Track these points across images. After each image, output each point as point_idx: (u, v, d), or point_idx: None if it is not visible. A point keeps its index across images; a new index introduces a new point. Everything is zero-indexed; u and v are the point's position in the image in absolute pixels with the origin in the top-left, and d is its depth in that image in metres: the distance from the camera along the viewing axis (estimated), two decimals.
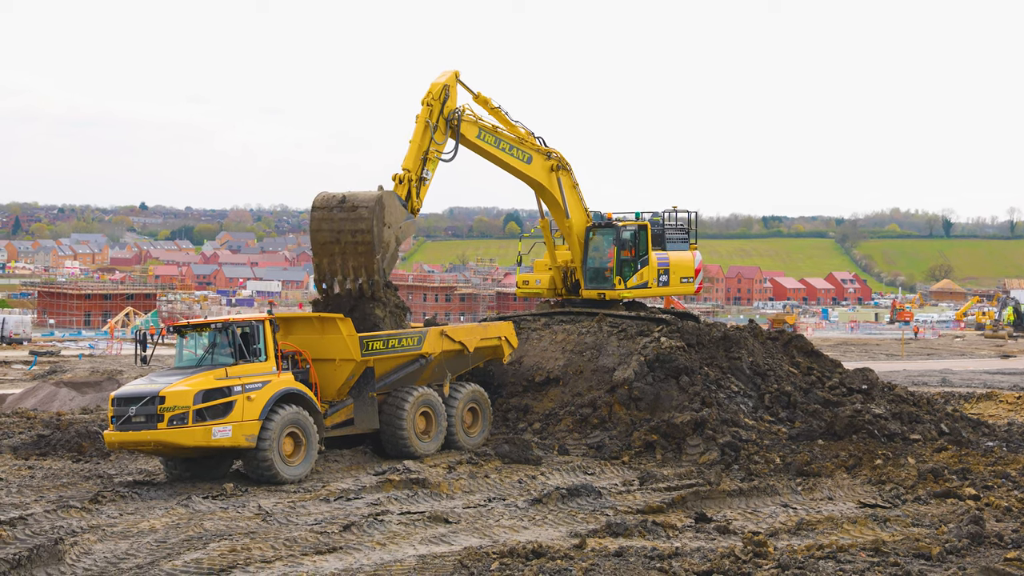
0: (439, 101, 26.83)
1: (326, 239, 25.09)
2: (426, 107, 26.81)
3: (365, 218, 24.84)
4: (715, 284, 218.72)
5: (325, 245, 25.12)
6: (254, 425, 21.92)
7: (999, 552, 16.20)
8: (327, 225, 25.02)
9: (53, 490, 21.84)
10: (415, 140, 26.62)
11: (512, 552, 16.15)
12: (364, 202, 24.94)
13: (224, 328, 22.56)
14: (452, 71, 27.61)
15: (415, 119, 26.89)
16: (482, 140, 28.09)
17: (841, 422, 25.90)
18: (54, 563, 16.21)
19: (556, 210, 30.21)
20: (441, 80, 27.12)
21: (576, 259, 30.82)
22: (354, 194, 25.22)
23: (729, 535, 17.72)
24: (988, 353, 71.73)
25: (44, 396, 37.06)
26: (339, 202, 25.01)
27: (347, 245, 24.97)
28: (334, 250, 25.07)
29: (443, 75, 27.35)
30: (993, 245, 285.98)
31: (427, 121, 26.61)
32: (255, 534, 17.78)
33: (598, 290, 30.74)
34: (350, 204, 24.89)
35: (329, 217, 24.99)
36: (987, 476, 22.05)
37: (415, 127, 26.79)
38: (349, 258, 25.03)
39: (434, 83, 27.08)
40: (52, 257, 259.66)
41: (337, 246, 25.03)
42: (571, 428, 26.52)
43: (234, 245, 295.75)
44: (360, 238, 24.92)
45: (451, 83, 27.32)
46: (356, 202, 24.92)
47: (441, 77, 27.22)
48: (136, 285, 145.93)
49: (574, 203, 30.25)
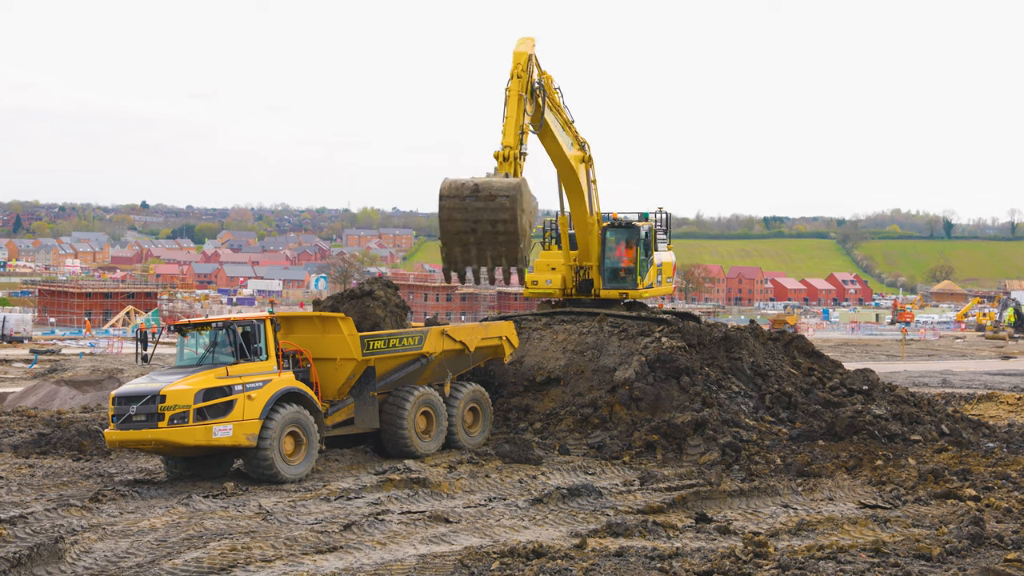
0: (527, 72, 26.05)
1: (460, 228, 24.38)
2: (517, 79, 25.82)
3: (507, 208, 24.26)
4: (716, 284, 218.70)
5: (459, 235, 24.43)
6: (255, 424, 21.92)
7: (999, 553, 16.20)
8: (460, 215, 24.27)
9: (53, 488, 21.85)
10: (511, 115, 25.67)
11: (513, 552, 16.16)
12: (502, 190, 24.27)
13: (225, 327, 22.57)
14: (530, 39, 26.66)
15: (506, 92, 25.92)
16: (548, 115, 27.37)
17: (842, 423, 25.91)
18: (54, 562, 16.22)
19: (580, 205, 29.72)
20: (525, 50, 26.23)
21: (592, 258, 30.59)
22: (487, 182, 24.48)
23: (729, 535, 17.72)
24: (989, 354, 71.70)
25: (45, 394, 37.08)
26: (472, 190, 24.23)
27: (485, 235, 24.33)
28: (468, 240, 24.42)
29: (523, 44, 26.43)
30: (994, 246, 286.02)
31: (520, 94, 25.74)
32: (255, 533, 17.78)
33: (619, 289, 30.68)
34: (486, 193, 24.15)
35: (463, 206, 24.23)
36: (987, 477, 22.05)
37: (508, 101, 25.86)
38: (487, 248, 24.46)
39: (518, 52, 26.15)
40: (53, 255, 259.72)
41: (472, 236, 24.38)
42: (572, 428, 26.52)
43: (235, 244, 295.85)
44: (501, 227, 24.32)
45: (533, 53, 26.59)
46: (493, 191, 24.20)
47: (522, 46, 26.28)
48: (137, 284, 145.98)
49: (595, 199, 30.16)
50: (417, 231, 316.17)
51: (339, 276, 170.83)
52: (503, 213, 24.31)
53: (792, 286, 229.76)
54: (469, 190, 24.34)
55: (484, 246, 24.48)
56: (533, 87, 26.41)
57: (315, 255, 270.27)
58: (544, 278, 30.43)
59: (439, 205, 24.64)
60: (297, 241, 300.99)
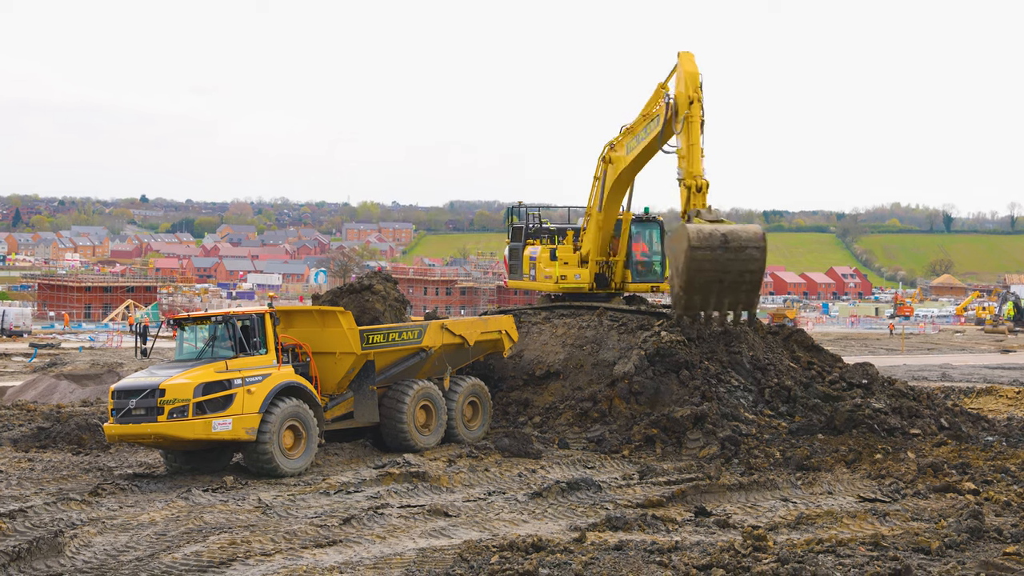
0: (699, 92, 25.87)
1: (709, 278, 24.66)
2: (698, 104, 25.72)
3: (756, 259, 24.83)
4: None
5: (707, 284, 24.69)
6: (254, 418, 21.93)
7: (998, 546, 16.21)
8: (710, 265, 24.55)
9: (53, 483, 21.86)
10: (697, 143, 25.64)
11: (512, 545, 16.17)
12: (751, 242, 24.72)
13: (224, 321, 22.57)
14: (691, 55, 26.21)
15: (684, 120, 25.59)
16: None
17: (841, 417, 25.91)
18: (54, 555, 16.23)
19: (619, 203, 29.63)
20: (696, 70, 25.93)
21: (622, 252, 30.62)
22: (734, 232, 24.70)
23: (729, 529, 17.73)
24: (988, 348, 71.72)
25: (44, 388, 37.08)
26: (723, 242, 24.44)
27: (730, 284, 24.71)
28: (714, 288, 24.70)
29: (690, 61, 26.00)
30: (993, 240, 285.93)
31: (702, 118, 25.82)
32: (255, 527, 17.79)
33: (650, 283, 30.97)
34: (736, 244, 24.50)
35: (714, 257, 24.53)
36: (987, 471, 22.07)
37: (690, 129, 25.66)
38: (728, 294, 24.79)
39: (691, 72, 25.84)
40: (52, 249, 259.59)
41: (719, 284, 24.68)
42: (571, 422, 26.54)
43: (235, 238, 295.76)
44: (748, 277, 24.92)
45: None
46: (741, 242, 24.61)
47: (691, 64, 25.93)
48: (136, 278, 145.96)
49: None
50: (417, 225, 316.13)
51: (339, 270, 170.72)
52: (752, 264, 24.88)
53: (791, 280, 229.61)
54: (719, 241, 24.51)
55: (726, 293, 24.86)
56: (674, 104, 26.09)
57: (314, 249, 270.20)
58: (572, 273, 30.30)
59: (688, 255, 24.44)
60: (296, 235, 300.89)
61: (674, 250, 24.85)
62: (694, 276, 24.46)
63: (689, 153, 25.64)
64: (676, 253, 24.74)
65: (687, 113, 25.59)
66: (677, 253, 24.71)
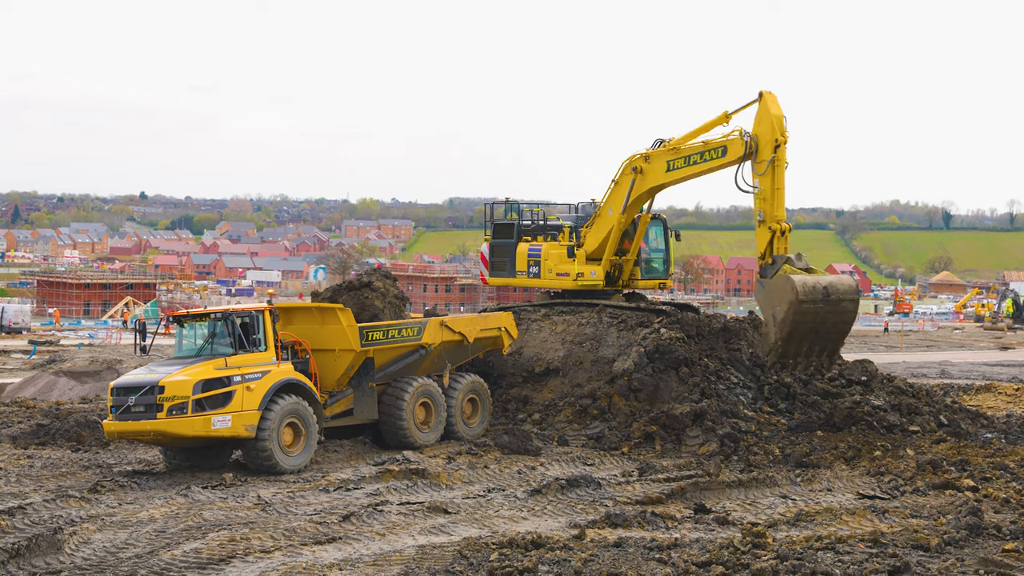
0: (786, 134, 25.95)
1: (808, 329, 24.89)
2: (784, 147, 25.69)
3: (850, 311, 25.34)
4: (715, 275, 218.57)
5: (805, 334, 24.95)
6: (254, 415, 21.91)
7: (997, 543, 16.21)
8: (811, 317, 24.77)
9: (52, 480, 21.85)
10: (781, 186, 25.71)
11: (511, 543, 16.16)
12: (847, 294, 25.16)
13: (224, 318, 22.55)
14: (773, 95, 26.16)
15: (771, 164, 25.47)
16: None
17: (840, 413, 25.92)
18: (53, 552, 16.22)
19: (640, 207, 29.67)
20: (781, 112, 25.91)
21: (634, 251, 30.63)
22: (832, 285, 25.05)
23: (728, 526, 17.73)
24: (987, 345, 71.70)
25: (43, 385, 37.04)
26: (824, 295, 24.79)
27: (822, 334, 25.09)
28: (809, 337, 25.00)
29: (774, 103, 25.89)
30: (992, 237, 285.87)
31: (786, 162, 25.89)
32: (254, 524, 17.78)
33: (658, 280, 31.15)
34: (835, 297, 24.91)
35: (815, 310, 24.76)
36: (986, 468, 22.07)
37: (775, 172, 25.54)
38: (818, 342, 25.13)
39: (778, 116, 25.78)
40: (51, 246, 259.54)
41: (814, 334, 25.00)
42: (570, 419, 26.54)
43: (234, 235, 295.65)
44: (840, 327, 25.39)
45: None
46: (839, 295, 25.01)
47: (776, 107, 25.91)
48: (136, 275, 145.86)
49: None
50: (416, 222, 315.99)
51: (338, 267, 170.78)
52: (846, 316, 25.33)
53: None
54: (821, 294, 24.84)
55: (817, 341, 25.17)
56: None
57: (314, 246, 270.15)
58: (589, 270, 30.28)
59: (795, 307, 24.55)
60: (296, 232, 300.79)
61: (773, 300, 24.95)
62: (796, 328, 24.78)
63: (774, 197, 25.75)
64: (776, 303, 24.89)
65: (774, 156, 25.61)
66: (778, 303, 24.86)
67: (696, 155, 27.60)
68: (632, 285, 31.05)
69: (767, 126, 25.78)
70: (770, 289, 25.02)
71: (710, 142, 27.27)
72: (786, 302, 24.54)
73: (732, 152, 26.59)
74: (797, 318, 24.60)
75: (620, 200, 29.14)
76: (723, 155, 26.80)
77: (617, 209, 29.25)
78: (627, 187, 28.93)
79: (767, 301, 25.15)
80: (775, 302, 24.88)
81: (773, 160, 25.59)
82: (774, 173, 25.68)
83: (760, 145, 25.85)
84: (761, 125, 25.93)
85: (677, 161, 28.01)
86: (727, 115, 26.94)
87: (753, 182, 26.04)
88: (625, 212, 29.15)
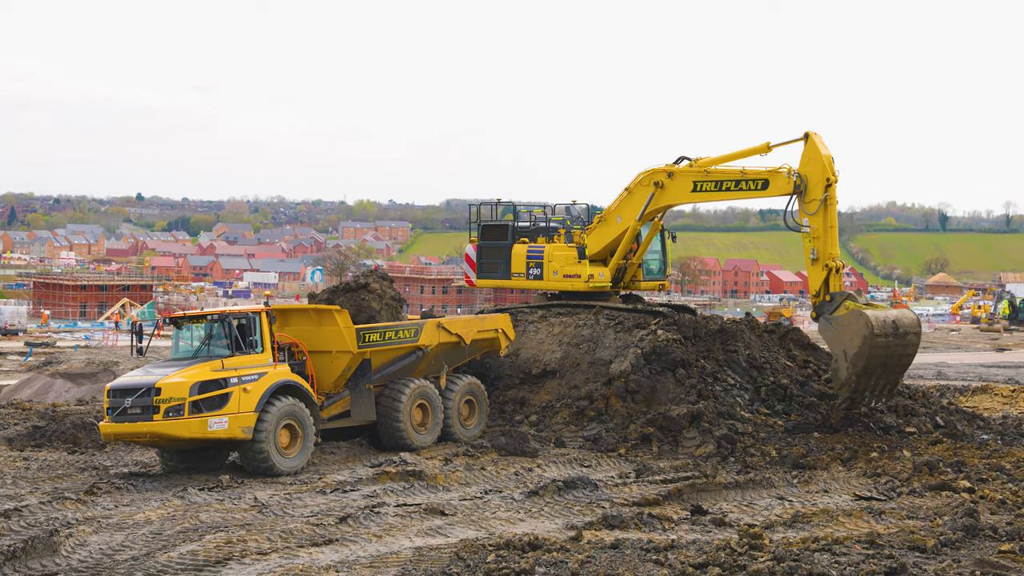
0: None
1: (878, 363, 25.12)
2: (835, 186, 25.81)
3: (914, 344, 25.71)
4: (712, 277, 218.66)
5: (875, 368, 25.17)
6: (250, 417, 21.90)
7: (993, 544, 16.23)
8: (883, 351, 25.03)
9: (48, 481, 21.83)
10: (834, 224, 25.90)
11: (508, 544, 16.16)
12: (912, 328, 25.55)
13: (220, 319, 22.54)
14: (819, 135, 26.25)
15: (824, 204, 25.62)
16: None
17: (837, 415, 25.92)
18: (49, 555, 16.20)
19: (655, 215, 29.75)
20: (829, 153, 26.02)
21: (639, 255, 30.67)
22: (899, 319, 25.38)
23: (725, 527, 17.73)
24: (983, 346, 71.75)
25: (39, 387, 37.03)
26: (894, 330, 25.11)
27: (889, 367, 25.36)
28: (878, 371, 25.24)
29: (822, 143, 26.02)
30: (989, 239, 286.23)
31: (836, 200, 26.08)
32: (251, 526, 17.77)
33: (657, 282, 31.41)
34: (903, 331, 25.24)
35: (887, 344, 25.02)
36: (982, 469, 22.08)
37: (828, 211, 25.72)
38: (884, 375, 25.36)
39: (828, 156, 25.91)
40: (48, 248, 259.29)
41: (883, 368, 25.25)
42: (567, 420, 26.53)
43: (231, 236, 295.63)
44: (905, 360, 25.72)
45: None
46: (906, 328, 25.36)
47: (825, 148, 26.04)
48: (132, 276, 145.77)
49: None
50: (413, 224, 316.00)
51: (335, 269, 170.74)
52: (910, 348, 25.71)
53: (788, 279, 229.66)
54: (892, 328, 25.14)
55: (884, 374, 25.42)
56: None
57: (311, 247, 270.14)
58: (597, 272, 30.29)
59: (870, 343, 24.74)
60: (293, 233, 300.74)
61: (844, 336, 25.11)
62: (869, 361, 25.00)
63: (827, 235, 25.85)
64: (848, 339, 25.04)
65: (826, 196, 25.74)
66: (849, 339, 25.01)
67: (731, 182, 27.54)
68: (633, 287, 31.11)
69: (817, 166, 25.88)
70: (840, 325, 25.11)
71: (750, 172, 27.23)
72: (859, 337, 24.74)
73: (774, 188, 26.68)
74: (872, 352, 24.83)
75: (633, 210, 29.18)
76: (763, 188, 26.91)
77: (628, 218, 29.28)
78: (644, 199, 28.88)
79: (837, 338, 25.25)
80: (846, 338, 25.04)
81: (827, 200, 25.69)
82: (826, 212, 25.81)
83: (810, 185, 25.91)
84: (810, 164, 26.01)
85: (706, 184, 27.92)
86: (768, 146, 27.04)
87: (802, 221, 26.11)
88: (639, 220, 29.24)
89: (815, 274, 25.86)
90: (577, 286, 30.37)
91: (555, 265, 30.49)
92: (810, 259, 26.00)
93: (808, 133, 26.26)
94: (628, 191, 29.27)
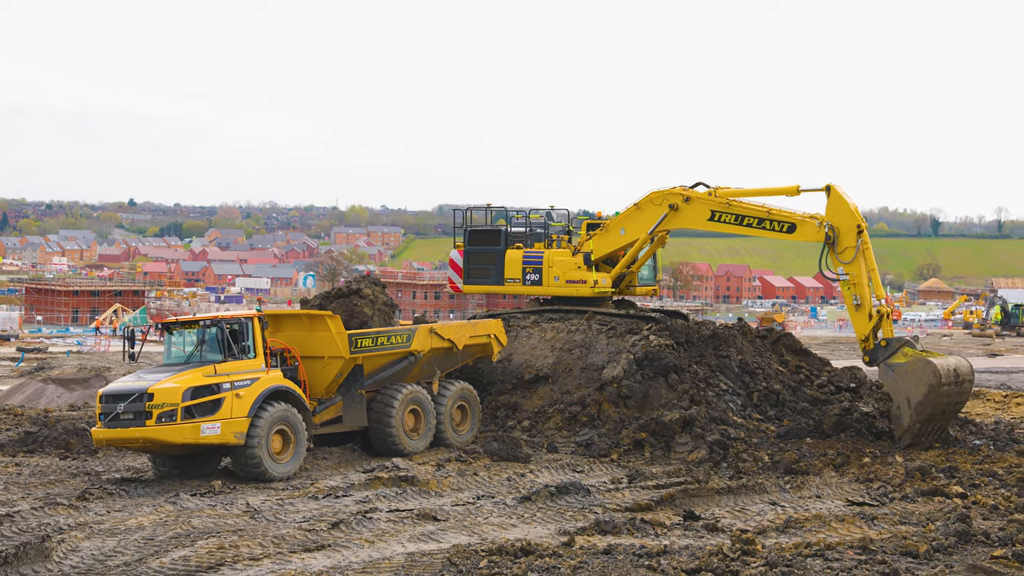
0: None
1: (939, 410, 25.41)
2: (866, 230, 26.10)
3: (968, 391, 26.17)
4: (704, 282, 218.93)
5: (936, 415, 25.44)
6: (243, 422, 21.88)
7: (986, 550, 16.25)
8: (946, 399, 25.36)
9: (40, 487, 21.78)
10: (874, 267, 26.14)
11: (501, 550, 16.15)
12: (967, 376, 25.93)
13: (213, 325, 22.52)
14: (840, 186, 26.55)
15: (859, 251, 25.86)
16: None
17: (829, 420, 25.97)
18: (41, 560, 16.17)
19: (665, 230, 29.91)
20: (854, 202, 26.27)
21: (641, 263, 30.80)
22: (959, 368, 25.76)
23: (717, 533, 17.74)
24: (976, 352, 71.84)
25: (31, 393, 36.94)
26: (955, 378, 25.44)
27: (947, 413, 25.74)
28: (937, 417, 25.52)
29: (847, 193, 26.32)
30: (981, 244, 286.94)
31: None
32: (243, 532, 17.74)
33: (649, 288, 31.59)
34: (961, 378, 25.64)
35: (948, 391, 25.33)
36: (974, 474, 22.13)
37: (865, 257, 25.97)
38: (939, 421, 25.64)
39: (854, 205, 26.18)
40: (40, 253, 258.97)
41: (941, 414, 25.57)
42: (560, 426, 26.52)
43: (223, 242, 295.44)
44: (959, 406, 26.17)
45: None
46: (963, 376, 25.74)
47: (851, 197, 26.33)
48: (124, 282, 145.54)
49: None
50: (405, 229, 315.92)
51: (327, 274, 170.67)
52: (965, 396, 26.24)
53: (780, 284, 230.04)
54: (953, 376, 25.49)
55: (940, 418, 25.69)
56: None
57: (303, 253, 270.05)
58: (601, 278, 30.33)
59: (934, 391, 25.01)
60: (285, 239, 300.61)
61: (908, 384, 25.28)
62: (932, 408, 25.26)
63: (868, 279, 26.10)
64: (912, 387, 25.22)
65: (859, 242, 26.00)
66: (914, 386, 25.18)
67: (753, 219, 27.69)
68: (625, 292, 31.15)
69: (846, 216, 26.15)
70: (904, 373, 25.24)
71: (776, 213, 27.35)
72: (926, 386, 24.95)
73: (801, 233, 26.93)
74: (937, 400, 25.09)
75: (641, 227, 29.38)
76: (788, 231, 27.14)
77: (635, 232, 29.54)
78: (654, 217, 29.03)
79: (900, 385, 25.37)
80: (911, 386, 25.19)
81: (861, 246, 25.96)
82: (865, 258, 26.08)
83: (841, 234, 26.16)
84: (838, 215, 26.26)
85: (726, 216, 28.02)
86: (798, 190, 27.28)
87: (837, 270, 26.33)
88: (650, 235, 29.43)
89: (860, 320, 25.99)
90: (583, 291, 30.35)
91: (556, 271, 30.43)
92: (853, 305, 26.15)
93: (830, 185, 26.52)
94: (637, 207, 29.36)
